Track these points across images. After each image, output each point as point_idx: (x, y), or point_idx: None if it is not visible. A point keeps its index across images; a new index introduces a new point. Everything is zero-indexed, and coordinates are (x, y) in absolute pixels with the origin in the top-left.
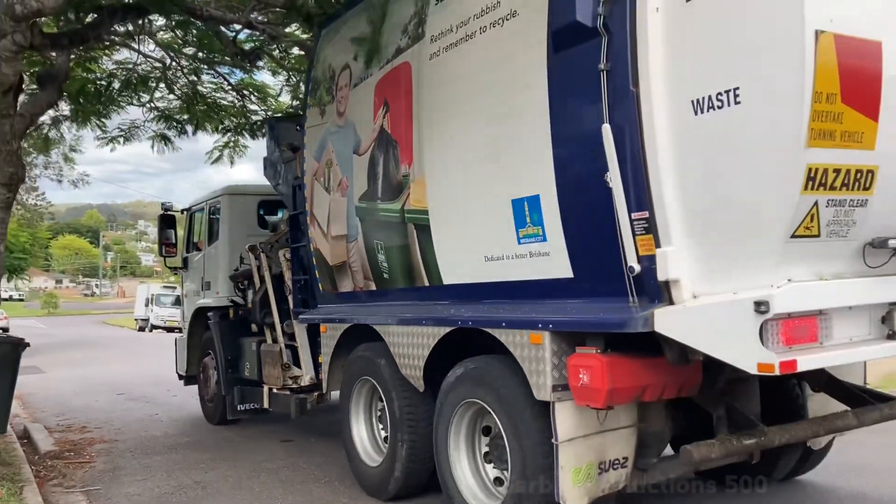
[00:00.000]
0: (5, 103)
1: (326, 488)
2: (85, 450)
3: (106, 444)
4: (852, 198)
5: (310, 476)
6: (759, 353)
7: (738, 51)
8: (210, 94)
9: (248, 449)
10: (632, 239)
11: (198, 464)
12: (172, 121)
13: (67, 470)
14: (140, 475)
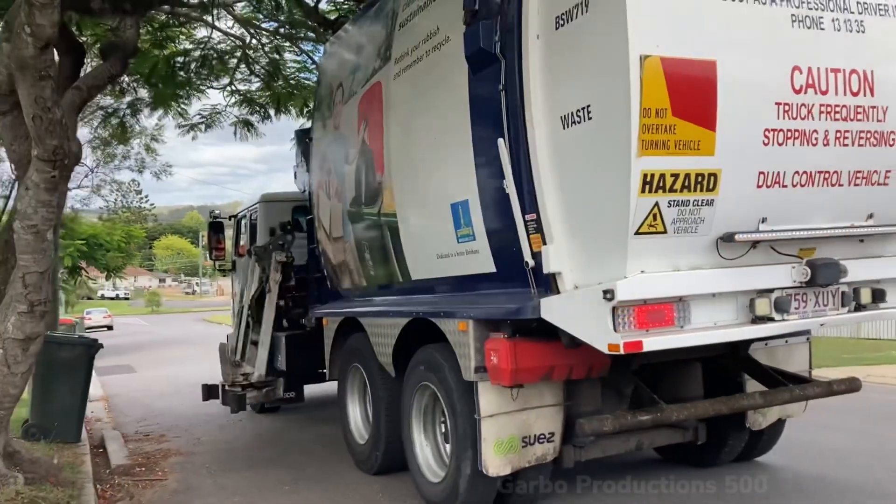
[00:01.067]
0: (43, 61)
1: None
2: (158, 464)
3: (182, 456)
4: (697, 198)
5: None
6: (608, 335)
7: (589, 72)
8: (293, 75)
9: (337, 467)
10: (526, 238)
11: (279, 485)
12: (255, 104)
13: (136, 489)
14: (213, 498)
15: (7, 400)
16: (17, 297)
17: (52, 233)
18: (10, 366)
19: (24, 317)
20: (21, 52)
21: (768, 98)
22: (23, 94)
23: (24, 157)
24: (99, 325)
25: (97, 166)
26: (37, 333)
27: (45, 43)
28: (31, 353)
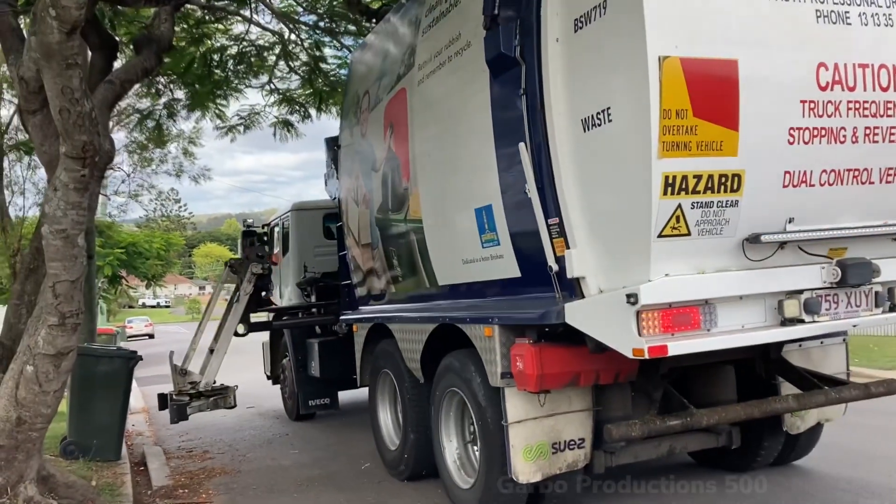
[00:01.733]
0: (69, 47)
1: None
2: (202, 485)
3: (227, 476)
4: (720, 199)
5: None
6: (633, 339)
7: (609, 74)
8: (334, 72)
9: (394, 489)
10: (549, 242)
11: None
12: (294, 103)
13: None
14: None
15: (39, 420)
16: (47, 309)
17: (83, 237)
18: (41, 384)
19: (55, 330)
20: (46, 38)
21: (793, 96)
22: (49, 86)
23: (55, 159)
24: (140, 333)
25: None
26: (69, 348)
27: (71, 27)
28: (64, 369)
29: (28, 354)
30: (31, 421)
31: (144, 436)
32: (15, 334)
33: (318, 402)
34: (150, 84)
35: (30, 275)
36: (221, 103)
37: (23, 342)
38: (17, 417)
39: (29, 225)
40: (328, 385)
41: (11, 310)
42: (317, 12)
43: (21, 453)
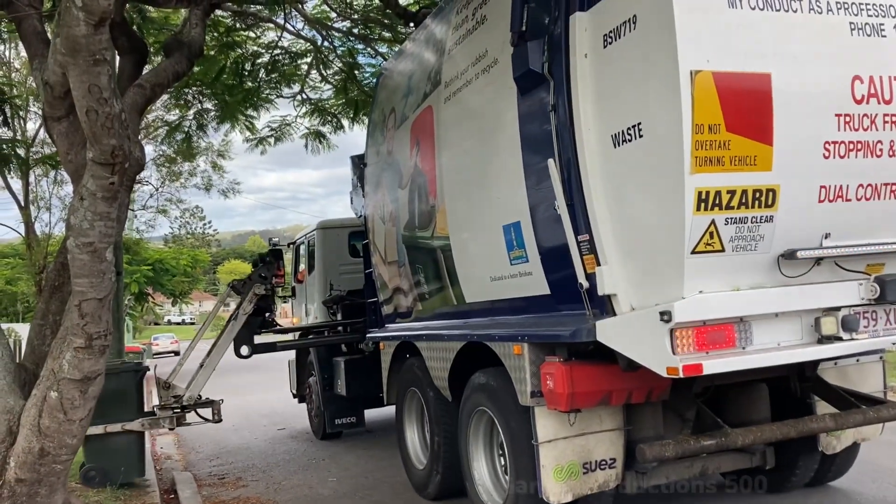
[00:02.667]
0: (97, 41)
1: None
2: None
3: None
4: (755, 215)
5: None
6: (667, 357)
7: (639, 89)
8: (367, 80)
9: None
10: (580, 259)
11: None
12: (327, 114)
13: None
14: None
15: (64, 452)
16: (72, 330)
17: (112, 252)
18: (66, 411)
19: (81, 352)
20: (72, 31)
21: (828, 109)
22: (74, 85)
23: (82, 168)
24: (166, 350)
25: (162, 185)
26: (96, 372)
27: (99, 18)
28: (91, 395)
29: (52, 379)
30: (56, 452)
31: (173, 460)
32: (38, 357)
33: (344, 420)
34: (179, 95)
35: (54, 292)
36: (251, 115)
37: (46, 366)
38: (39, 448)
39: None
40: (354, 403)
41: (35, 330)
42: (351, 18)
43: (44, 487)
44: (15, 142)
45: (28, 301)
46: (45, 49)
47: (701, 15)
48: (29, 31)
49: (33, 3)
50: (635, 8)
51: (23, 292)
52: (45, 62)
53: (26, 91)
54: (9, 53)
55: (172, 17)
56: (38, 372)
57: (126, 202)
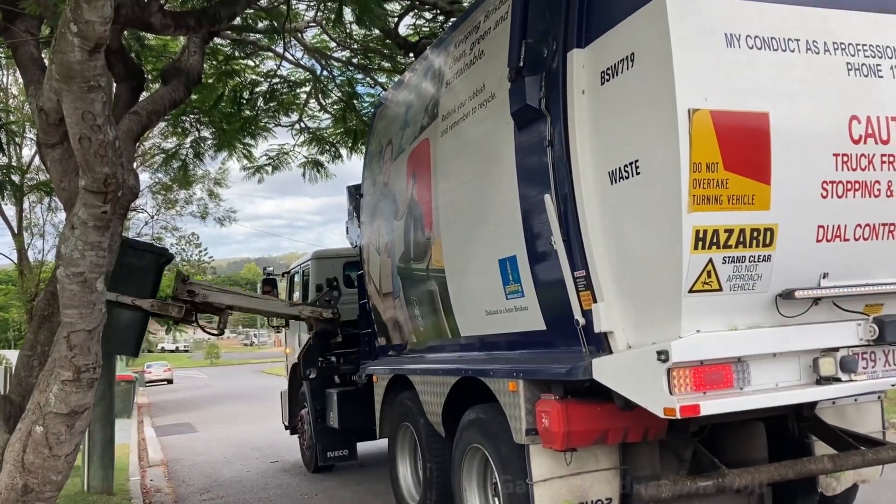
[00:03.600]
0: (92, 68)
1: None
2: None
3: None
4: (753, 254)
5: None
6: (664, 397)
7: (637, 127)
8: (366, 110)
9: None
10: (576, 295)
11: None
12: (325, 143)
13: None
14: None
15: (48, 488)
16: (60, 362)
17: (103, 282)
18: (51, 447)
19: (68, 385)
20: (66, 57)
21: (825, 149)
22: (68, 111)
23: (75, 196)
24: (159, 378)
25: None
26: (84, 406)
27: (94, 45)
28: (78, 430)
29: (38, 413)
30: (39, 489)
31: (163, 493)
32: (25, 389)
33: (336, 453)
34: (176, 122)
35: (44, 323)
36: (249, 143)
37: (32, 399)
38: (23, 485)
39: (48, 269)
40: (347, 436)
41: (22, 361)
42: (351, 48)
43: None
44: (10, 168)
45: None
46: (41, 75)
47: (699, 53)
48: (25, 56)
49: (30, 29)
50: (633, 46)
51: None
52: (41, 89)
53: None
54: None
55: (171, 44)
56: (25, 405)
57: (119, 231)
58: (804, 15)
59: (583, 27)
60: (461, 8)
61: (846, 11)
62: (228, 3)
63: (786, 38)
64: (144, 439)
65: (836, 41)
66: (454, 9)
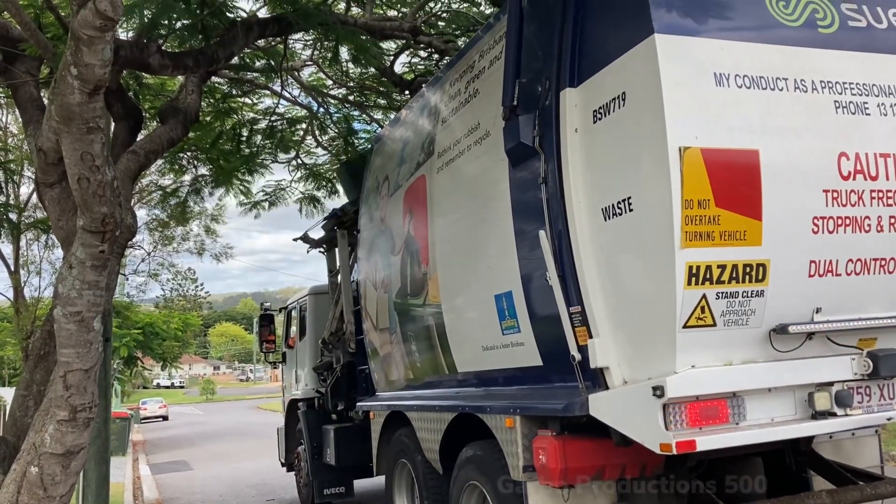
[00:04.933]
0: (91, 109)
1: None
2: None
3: None
4: (746, 289)
5: None
6: (660, 433)
7: (629, 164)
8: (363, 146)
9: None
10: (572, 330)
11: None
12: (322, 179)
13: None
14: None
15: None
16: (56, 402)
17: (100, 321)
18: (46, 488)
19: (64, 426)
20: (66, 99)
21: (815, 185)
22: (67, 152)
23: (72, 235)
24: (154, 415)
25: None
26: (79, 446)
27: (94, 87)
28: (73, 470)
29: (33, 454)
30: None
31: None
32: (20, 430)
33: (333, 490)
34: (174, 160)
35: (39, 362)
36: (247, 179)
37: (28, 439)
38: None
39: (44, 306)
40: (344, 473)
41: (17, 401)
42: (347, 86)
43: None
44: (7, 206)
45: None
46: (41, 115)
47: (689, 92)
48: (25, 97)
49: (30, 70)
50: (624, 85)
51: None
52: (40, 128)
53: (21, 155)
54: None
55: (168, 82)
56: (20, 445)
57: (116, 269)
58: (792, 54)
59: (575, 67)
60: (456, 47)
61: (833, 51)
62: (227, 44)
63: (774, 76)
64: (139, 478)
65: (823, 79)
66: (449, 48)
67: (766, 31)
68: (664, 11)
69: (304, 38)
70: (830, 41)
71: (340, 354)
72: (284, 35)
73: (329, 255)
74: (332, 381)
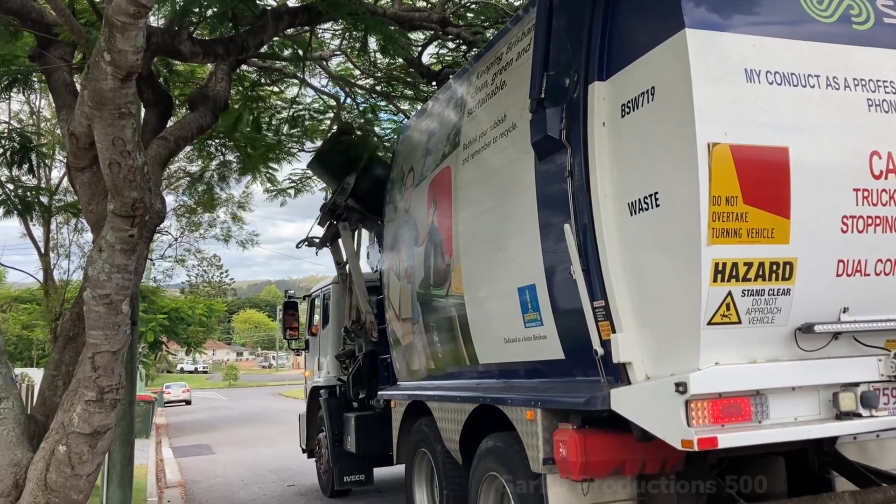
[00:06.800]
0: (123, 95)
1: None
2: None
3: None
4: (772, 287)
5: None
6: (682, 429)
7: (656, 159)
8: (388, 136)
9: None
10: (595, 325)
11: None
12: None
13: None
14: None
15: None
16: (84, 382)
17: (128, 304)
18: (73, 466)
19: (92, 406)
20: (99, 85)
21: (845, 184)
22: (99, 137)
23: (102, 219)
24: (178, 399)
25: (181, 235)
26: (106, 426)
27: (126, 73)
28: (100, 450)
29: (61, 433)
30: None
31: None
32: (49, 409)
33: (353, 478)
34: (202, 146)
35: (68, 343)
36: (273, 167)
37: (56, 418)
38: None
39: (73, 288)
40: (364, 461)
41: (47, 381)
42: (374, 76)
43: None
44: (39, 189)
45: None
46: (73, 100)
47: (719, 88)
48: (58, 82)
49: (64, 56)
50: (654, 80)
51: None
52: (72, 113)
53: (53, 140)
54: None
55: (199, 70)
56: (49, 424)
57: (145, 254)
58: (824, 51)
59: (604, 60)
60: (484, 39)
61: (867, 48)
62: (256, 32)
63: (806, 73)
64: (162, 460)
65: (856, 77)
66: (477, 39)
67: (799, 26)
68: (695, 6)
69: (332, 27)
70: (865, 38)
71: (363, 343)
72: (314, 24)
73: (333, 248)
74: (354, 370)
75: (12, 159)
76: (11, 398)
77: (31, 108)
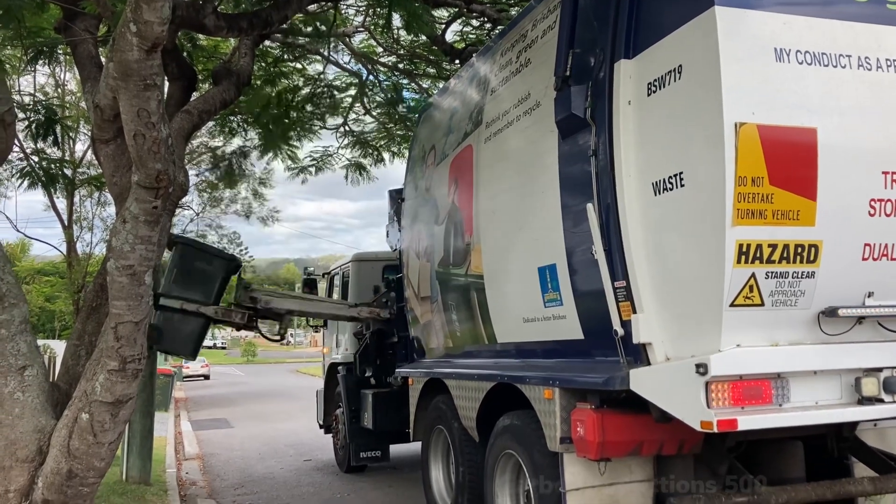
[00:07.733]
0: (148, 66)
1: None
2: None
3: None
4: (796, 270)
5: None
6: (702, 411)
7: (682, 139)
8: (410, 115)
9: None
10: (615, 305)
11: None
12: (368, 146)
13: None
14: None
15: (91, 474)
16: (107, 352)
17: (151, 275)
18: (96, 434)
19: (114, 375)
20: (125, 56)
21: (874, 167)
22: (124, 108)
23: (126, 191)
24: (196, 374)
25: (203, 210)
26: (128, 395)
27: (152, 44)
28: (122, 418)
29: (84, 401)
30: (83, 475)
31: (198, 486)
32: (72, 377)
33: (369, 454)
34: (224, 122)
35: (91, 313)
36: (294, 144)
37: (79, 387)
38: (67, 470)
39: (95, 261)
40: (380, 437)
41: (70, 351)
42: (397, 53)
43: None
44: (63, 162)
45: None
46: (98, 73)
47: (747, 67)
48: (84, 55)
49: (89, 28)
50: (681, 58)
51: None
52: (97, 86)
53: (77, 112)
54: (64, 75)
55: (222, 45)
56: (71, 392)
57: (167, 226)
58: (856, 31)
59: (631, 38)
60: (509, 16)
61: None
62: (281, 7)
63: (837, 53)
64: (181, 433)
65: (889, 58)
66: (501, 17)
67: (831, 5)
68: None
69: (356, 3)
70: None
71: (370, 322)
72: (337, 0)
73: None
74: (361, 348)
75: (37, 132)
76: (36, 366)
77: (56, 80)
